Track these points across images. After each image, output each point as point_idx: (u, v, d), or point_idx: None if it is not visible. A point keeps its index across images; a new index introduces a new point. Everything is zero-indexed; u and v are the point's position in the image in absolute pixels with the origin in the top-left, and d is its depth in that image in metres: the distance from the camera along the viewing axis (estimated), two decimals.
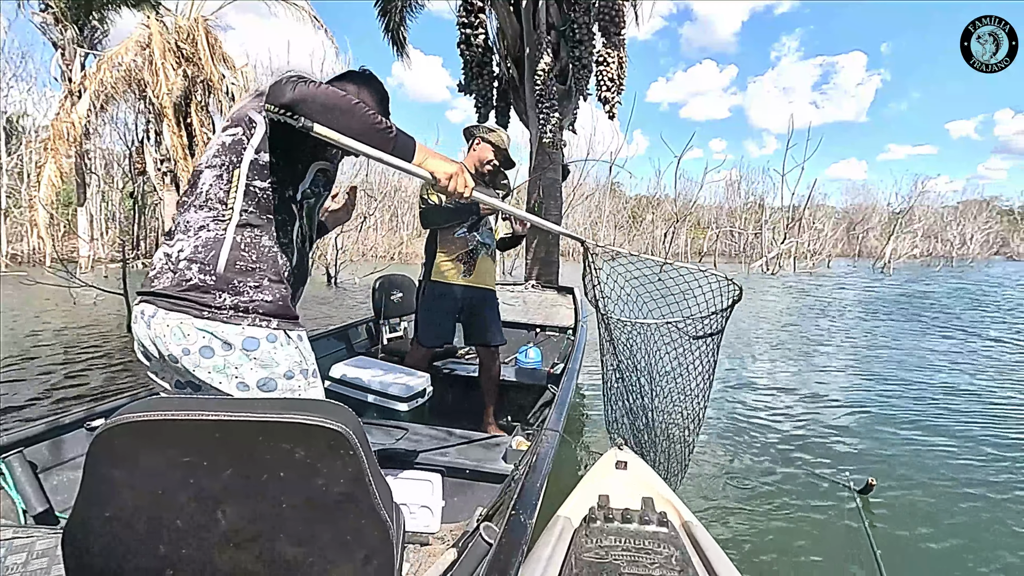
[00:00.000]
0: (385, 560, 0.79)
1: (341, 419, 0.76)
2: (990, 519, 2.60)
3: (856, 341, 7.31)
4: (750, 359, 6.13)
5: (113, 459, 0.75)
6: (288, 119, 1.00)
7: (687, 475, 2.30)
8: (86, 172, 15.28)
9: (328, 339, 3.28)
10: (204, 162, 1.17)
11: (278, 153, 1.16)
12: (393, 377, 2.52)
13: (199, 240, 1.11)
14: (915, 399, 4.57)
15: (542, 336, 4.16)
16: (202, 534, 0.76)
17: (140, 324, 1.12)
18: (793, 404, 4.42)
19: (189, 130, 12.44)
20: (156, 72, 11.55)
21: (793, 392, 4.77)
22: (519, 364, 3.38)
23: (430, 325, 2.70)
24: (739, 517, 2.53)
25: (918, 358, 6.22)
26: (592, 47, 6.84)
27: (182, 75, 11.88)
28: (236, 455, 0.75)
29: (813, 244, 28.90)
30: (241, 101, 1.22)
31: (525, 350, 3.42)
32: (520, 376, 3.21)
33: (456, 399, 3.10)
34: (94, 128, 12.29)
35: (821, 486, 2.88)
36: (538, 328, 4.19)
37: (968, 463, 3.26)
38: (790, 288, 16.00)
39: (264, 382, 1.12)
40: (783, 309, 11.07)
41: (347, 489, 0.76)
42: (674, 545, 1.28)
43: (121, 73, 11.61)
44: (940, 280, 19.77)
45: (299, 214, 1.23)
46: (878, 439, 3.63)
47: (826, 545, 2.33)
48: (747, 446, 3.44)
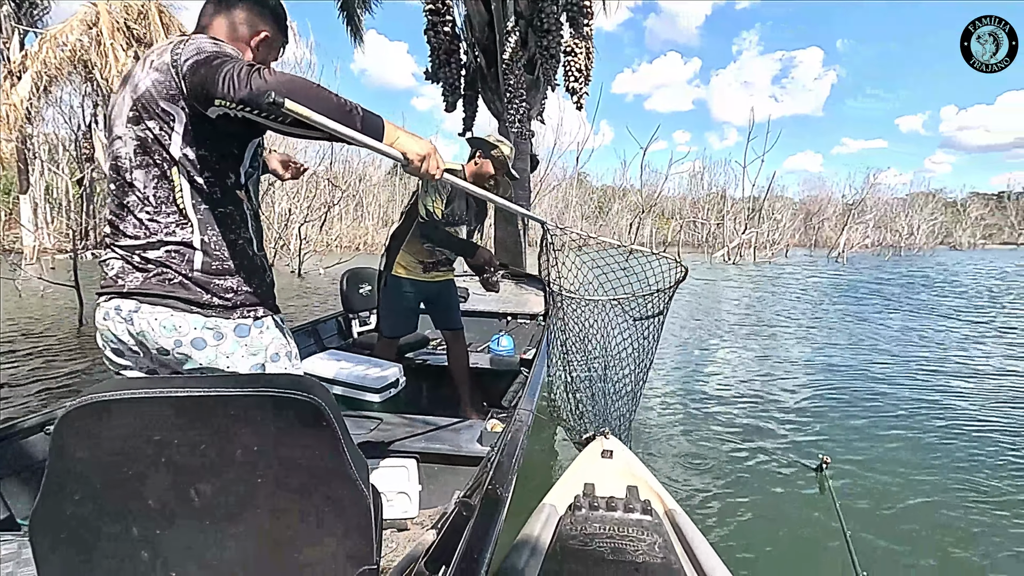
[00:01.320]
0: (364, 530, 0.79)
1: (314, 392, 0.75)
2: (939, 486, 2.78)
3: (812, 326, 7.60)
4: (713, 344, 6.31)
5: (79, 441, 0.73)
6: (247, 113, 0.93)
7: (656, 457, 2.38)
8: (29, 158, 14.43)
9: (298, 334, 3.22)
10: (126, 159, 1.08)
11: (209, 144, 1.08)
12: (365, 369, 2.50)
13: (166, 249, 1.08)
14: (867, 379, 4.79)
15: (514, 324, 4.18)
16: (177, 512, 0.75)
17: (114, 321, 1.10)
18: (753, 387, 4.58)
19: None
20: (104, 53, 10.97)
21: (753, 376, 4.94)
22: (492, 352, 3.39)
23: (390, 316, 2.73)
24: (707, 498, 2.61)
25: (870, 340, 6.51)
26: (560, 37, 6.83)
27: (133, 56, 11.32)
28: (209, 431, 0.74)
29: (772, 234, 29.77)
30: (137, 75, 1.08)
31: (497, 338, 3.44)
32: (493, 363, 3.23)
33: (429, 388, 3.10)
34: (37, 111, 11.60)
35: (781, 465, 3.01)
36: (509, 316, 4.21)
37: (917, 437, 3.45)
38: (750, 276, 16.49)
39: (256, 368, 1.13)
40: (743, 296, 11.41)
41: (323, 461, 0.76)
42: (657, 532, 1.30)
43: (66, 53, 10.99)
44: (889, 268, 20.70)
45: (246, 196, 1.19)
46: (832, 419, 3.80)
47: (789, 522, 2.45)
48: (708, 428, 3.55)
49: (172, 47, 1.04)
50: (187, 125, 1.05)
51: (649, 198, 30.92)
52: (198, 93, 0.97)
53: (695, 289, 12.57)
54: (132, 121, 1.07)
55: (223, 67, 0.93)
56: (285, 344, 1.19)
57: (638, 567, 1.17)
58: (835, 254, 28.31)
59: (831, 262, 25.11)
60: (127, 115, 1.07)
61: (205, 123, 1.05)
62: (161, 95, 1.04)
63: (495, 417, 2.24)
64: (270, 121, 0.94)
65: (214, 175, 1.10)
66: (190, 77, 0.98)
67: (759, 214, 28.93)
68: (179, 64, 1.01)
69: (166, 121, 1.05)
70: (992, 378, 4.94)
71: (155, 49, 1.09)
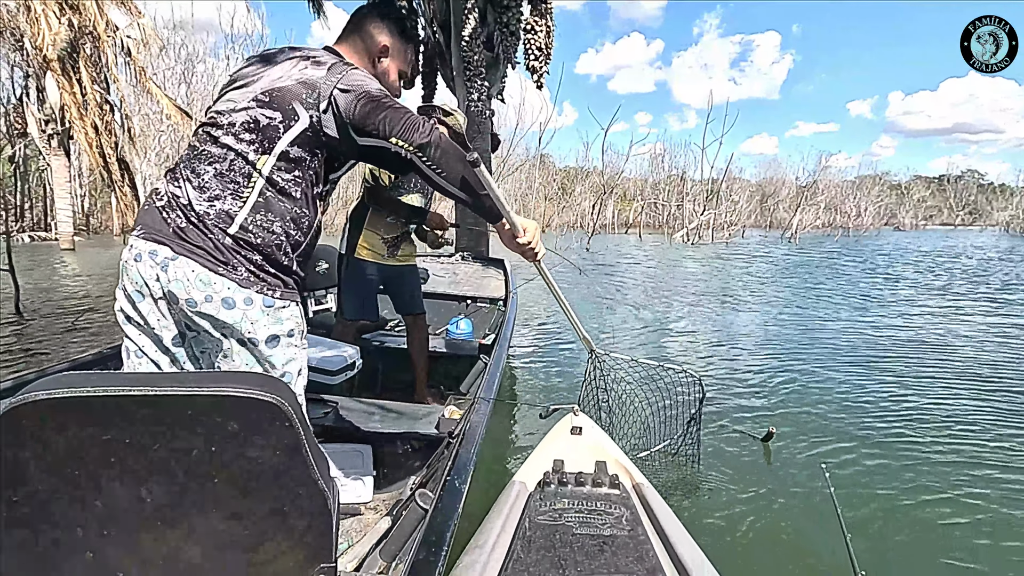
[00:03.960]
0: (324, 530, 0.79)
1: (275, 391, 0.75)
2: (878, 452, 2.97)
3: (764, 301, 7.91)
4: (674, 318, 6.50)
5: (21, 441, 0.70)
6: (414, 155, 1.13)
7: None
8: None
9: None
10: (229, 125, 1.15)
11: (312, 151, 1.17)
12: (321, 350, 2.47)
13: (213, 208, 1.13)
14: (815, 351, 5.04)
15: (473, 307, 4.18)
16: (126, 514, 0.74)
17: (147, 265, 1.12)
18: (708, 361, 4.75)
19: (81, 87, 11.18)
20: (35, 20, 10.23)
21: (708, 350, 5.12)
22: (450, 335, 3.40)
23: (352, 298, 2.70)
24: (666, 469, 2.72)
25: (819, 315, 6.83)
26: (520, 14, 6.75)
27: (67, 24, 10.60)
28: (163, 431, 0.73)
29: (729, 215, 30.56)
30: (282, 66, 1.18)
31: (456, 321, 3.44)
32: (451, 347, 3.23)
33: (387, 371, 3.08)
34: None
35: (731, 436, 3.15)
36: (469, 300, 4.21)
37: (859, 405, 3.67)
38: (708, 255, 16.95)
39: (271, 339, 1.17)
40: (702, 274, 11.73)
41: (283, 461, 0.75)
42: (625, 505, 1.33)
43: None
44: (838, 248, 21.61)
45: (312, 204, 1.23)
46: (780, 390, 3.99)
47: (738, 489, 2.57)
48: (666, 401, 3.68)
49: (328, 69, 1.16)
50: (305, 131, 1.14)
51: (611, 180, 31.20)
52: (361, 124, 1.13)
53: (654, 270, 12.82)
54: (258, 102, 1.14)
55: (405, 115, 1.13)
56: (300, 323, 1.25)
57: (606, 539, 1.20)
58: (788, 234, 29.31)
59: (784, 242, 26.02)
60: (258, 94, 1.15)
61: (320, 135, 1.16)
62: (298, 97, 1.13)
63: (453, 404, 2.27)
64: (424, 166, 1.14)
65: (295, 177, 1.17)
66: (359, 109, 1.13)
67: (717, 196, 29.61)
68: (336, 90, 1.13)
69: (288, 117, 1.13)
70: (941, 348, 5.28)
71: (310, 55, 1.20)
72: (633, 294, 8.88)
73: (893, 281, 11.04)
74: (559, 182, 36.13)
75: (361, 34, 1.33)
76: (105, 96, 11.81)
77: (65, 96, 10.78)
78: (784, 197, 41.16)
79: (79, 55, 11.04)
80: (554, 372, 4.44)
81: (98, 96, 11.39)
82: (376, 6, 1.35)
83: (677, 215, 32.36)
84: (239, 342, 1.15)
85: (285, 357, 1.20)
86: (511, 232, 1.29)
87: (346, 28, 1.36)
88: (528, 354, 4.96)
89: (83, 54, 11.11)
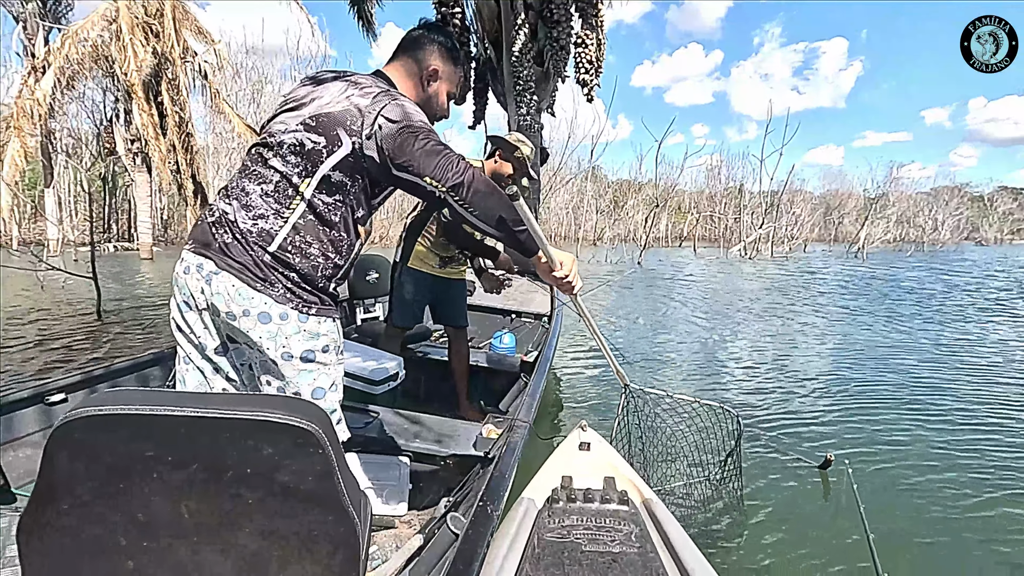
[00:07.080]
0: (351, 553, 0.80)
1: (311, 417, 0.77)
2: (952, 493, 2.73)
3: (827, 322, 7.50)
4: (728, 337, 6.27)
5: (72, 452, 0.74)
6: (448, 195, 1.11)
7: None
8: (52, 152, 14.76)
9: None
10: (278, 146, 1.19)
11: (357, 179, 1.20)
12: (366, 360, 2.52)
13: (256, 226, 1.17)
14: (882, 378, 4.71)
15: (517, 322, 4.18)
16: (164, 526, 0.77)
17: (194, 277, 1.18)
18: (763, 381, 4.53)
19: (160, 109, 12.07)
20: (124, 48, 11.15)
21: (764, 370, 4.88)
22: (493, 349, 3.40)
23: (403, 306, 2.75)
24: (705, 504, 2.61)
25: (886, 339, 6.41)
26: (570, 28, 6.77)
27: (151, 52, 11.50)
28: (202, 450, 0.76)
29: (790, 229, 29.34)
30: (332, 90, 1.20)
31: (500, 335, 3.44)
32: (492, 362, 3.22)
33: (428, 382, 3.11)
34: (60, 106, 11.85)
35: (782, 461, 2.98)
36: (513, 314, 4.21)
37: (930, 438, 3.39)
38: (767, 271, 16.27)
39: (307, 354, 1.21)
40: (759, 290, 11.28)
41: (314, 486, 0.77)
42: (634, 522, 1.31)
43: (87, 49, 11.20)
44: (911, 264, 20.26)
45: (352, 228, 1.26)
46: (842, 416, 3.74)
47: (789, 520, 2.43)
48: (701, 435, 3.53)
49: (374, 97, 1.17)
50: (347, 156, 1.16)
51: (665, 192, 30.60)
52: (397, 158, 1.13)
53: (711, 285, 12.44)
54: (306, 126, 1.17)
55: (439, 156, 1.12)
56: (336, 339, 1.28)
57: (615, 557, 1.18)
58: (855, 249, 27.78)
59: (850, 257, 24.65)
60: (306, 118, 1.18)
61: (362, 161, 1.17)
62: (342, 124, 1.16)
63: (492, 423, 2.27)
64: (458, 205, 1.12)
65: (336, 201, 1.20)
66: (397, 142, 1.13)
67: (777, 208, 28.49)
68: (381, 117, 1.14)
69: (332, 143, 1.16)
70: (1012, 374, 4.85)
71: (361, 83, 1.22)
72: (685, 311, 8.63)
73: (973, 301, 10.23)
74: (611, 195, 35.80)
75: (412, 56, 1.35)
76: (182, 116, 12.69)
77: (144, 118, 11.66)
78: (850, 209, 39.11)
79: (161, 79, 11.93)
80: (592, 396, 4.19)
81: (176, 117, 12.24)
82: (426, 29, 1.38)
83: (734, 228, 31.34)
84: (275, 355, 1.18)
85: (319, 372, 1.23)
86: (548, 266, 1.29)
87: (397, 50, 1.38)
88: (566, 375, 4.85)
89: (165, 79, 12.00)
